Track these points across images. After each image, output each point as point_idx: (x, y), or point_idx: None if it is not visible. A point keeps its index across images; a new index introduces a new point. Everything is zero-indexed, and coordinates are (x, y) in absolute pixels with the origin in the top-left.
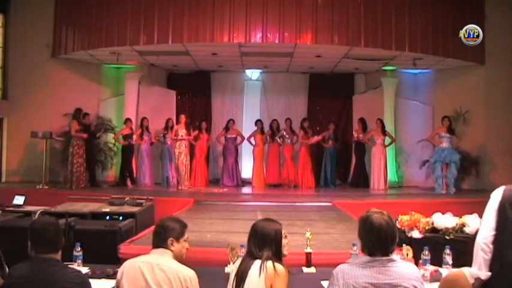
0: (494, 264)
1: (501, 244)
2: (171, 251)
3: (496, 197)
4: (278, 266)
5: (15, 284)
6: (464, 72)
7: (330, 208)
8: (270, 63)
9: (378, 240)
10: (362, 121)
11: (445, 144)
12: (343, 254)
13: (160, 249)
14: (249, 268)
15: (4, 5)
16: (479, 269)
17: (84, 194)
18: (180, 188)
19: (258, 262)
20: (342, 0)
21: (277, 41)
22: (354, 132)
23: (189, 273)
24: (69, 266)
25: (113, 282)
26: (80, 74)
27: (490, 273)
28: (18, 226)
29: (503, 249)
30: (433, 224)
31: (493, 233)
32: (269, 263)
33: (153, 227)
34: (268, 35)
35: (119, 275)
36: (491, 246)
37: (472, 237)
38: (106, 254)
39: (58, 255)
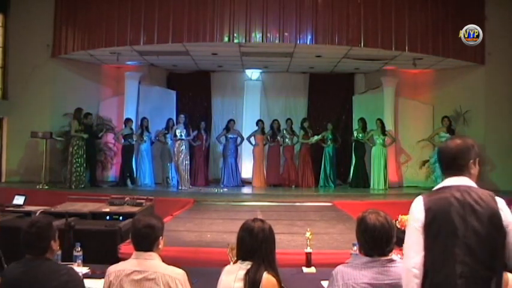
0: (425, 285)
1: (431, 264)
2: (158, 250)
3: (417, 213)
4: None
5: (8, 285)
6: (464, 72)
7: (330, 208)
8: (270, 63)
9: (373, 241)
10: (362, 121)
11: None
12: (343, 254)
13: (147, 253)
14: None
15: (4, 5)
16: None
17: (84, 194)
18: (180, 188)
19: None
20: (342, 0)
21: (277, 41)
22: (353, 132)
23: (178, 275)
24: (62, 264)
25: None
26: (80, 74)
27: None
28: (17, 226)
29: (435, 267)
30: None
31: (422, 254)
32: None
33: None
34: (268, 35)
35: (105, 286)
36: (422, 268)
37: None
38: (106, 254)
39: (50, 254)
